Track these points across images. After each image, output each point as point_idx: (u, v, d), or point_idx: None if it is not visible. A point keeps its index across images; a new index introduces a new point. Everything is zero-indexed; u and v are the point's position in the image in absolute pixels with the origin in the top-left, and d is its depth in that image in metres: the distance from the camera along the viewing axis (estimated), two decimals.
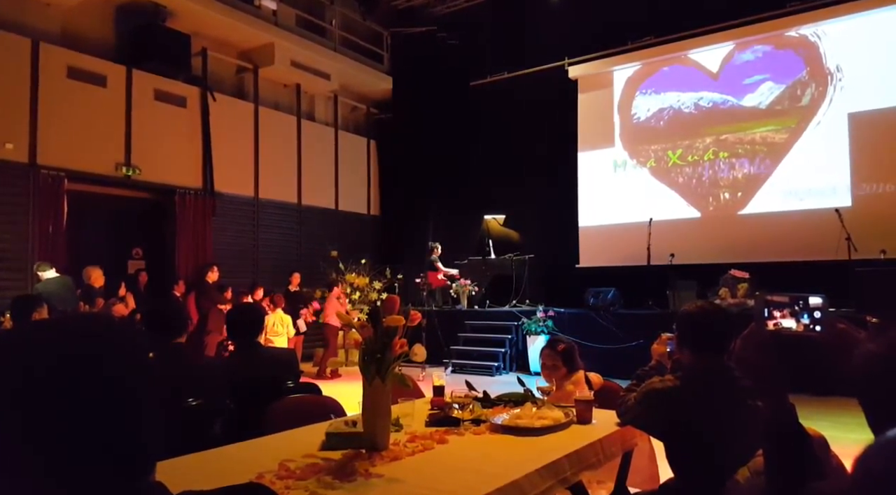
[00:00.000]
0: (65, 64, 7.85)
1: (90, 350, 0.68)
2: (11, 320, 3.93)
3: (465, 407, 2.47)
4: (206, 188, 9.44)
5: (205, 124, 9.44)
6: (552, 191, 10.64)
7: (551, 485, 1.85)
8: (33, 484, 0.63)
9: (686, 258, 8.61)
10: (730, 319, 2.09)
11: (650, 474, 2.50)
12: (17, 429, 0.63)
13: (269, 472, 1.73)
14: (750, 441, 1.83)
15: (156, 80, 8.85)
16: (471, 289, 10.12)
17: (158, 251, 9.19)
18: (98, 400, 0.65)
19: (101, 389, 0.66)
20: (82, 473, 0.64)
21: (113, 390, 0.67)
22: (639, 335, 7.19)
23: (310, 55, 10.69)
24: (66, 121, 7.82)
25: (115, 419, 0.66)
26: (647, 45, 9.98)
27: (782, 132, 9.01)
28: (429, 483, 1.69)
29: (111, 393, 0.67)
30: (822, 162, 8.69)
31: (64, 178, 7.75)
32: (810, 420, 1.32)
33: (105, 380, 0.67)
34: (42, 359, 0.65)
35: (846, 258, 7.30)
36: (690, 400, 1.97)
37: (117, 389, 0.68)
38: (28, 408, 0.63)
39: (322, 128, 11.69)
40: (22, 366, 0.65)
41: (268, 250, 10.27)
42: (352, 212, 12.09)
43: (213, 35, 9.67)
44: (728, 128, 9.44)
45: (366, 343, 2.01)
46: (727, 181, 9.42)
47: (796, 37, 8.98)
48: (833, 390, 5.19)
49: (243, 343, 3.02)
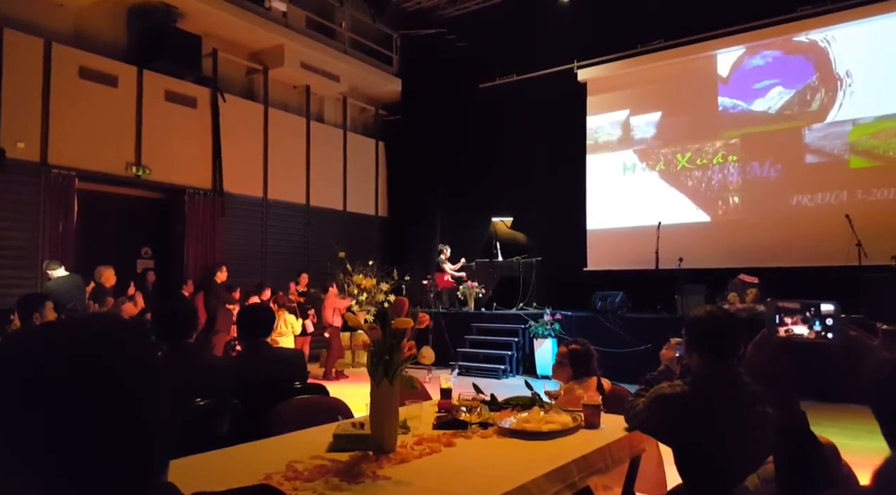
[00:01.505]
0: (77, 64, 7.92)
1: (101, 351, 0.68)
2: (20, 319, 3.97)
3: (473, 410, 2.46)
4: (215, 188, 9.50)
5: (215, 125, 9.50)
6: (560, 193, 10.62)
7: (559, 490, 1.84)
8: (45, 484, 0.63)
9: (695, 262, 8.57)
10: (739, 325, 2.08)
11: (658, 480, 2.49)
12: (28, 430, 0.63)
13: (276, 473, 1.73)
14: (759, 447, 1.82)
15: (166, 80, 8.92)
16: (478, 291, 10.11)
17: (167, 251, 9.25)
18: (109, 401, 0.66)
19: (112, 390, 0.66)
20: (94, 474, 0.64)
21: (124, 391, 0.67)
22: (647, 339, 7.16)
23: (319, 57, 10.74)
24: (77, 121, 7.88)
25: (127, 419, 0.67)
26: (657, 48, 9.95)
27: (792, 137, 8.95)
28: (436, 485, 1.69)
29: (122, 394, 0.67)
30: (832, 167, 8.64)
31: (75, 178, 7.81)
32: (820, 427, 1.31)
33: (116, 381, 0.67)
34: (53, 361, 0.65)
35: (856, 264, 7.24)
36: (699, 406, 1.96)
37: (128, 390, 0.68)
38: (39, 410, 0.63)
39: (331, 130, 11.73)
40: (33, 368, 0.65)
41: (276, 250, 10.31)
42: (360, 213, 12.12)
43: (223, 36, 9.74)
44: (738, 132, 9.40)
45: (374, 344, 2.01)
46: (736, 185, 9.37)
47: (806, 42, 8.93)
48: (844, 397, 5.14)
49: (252, 343, 3.03)
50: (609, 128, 10.58)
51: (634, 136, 10.36)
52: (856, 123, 8.50)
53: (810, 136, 8.83)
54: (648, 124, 10.24)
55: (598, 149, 10.63)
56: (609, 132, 10.58)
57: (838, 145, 8.60)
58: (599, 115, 10.68)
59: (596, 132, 10.69)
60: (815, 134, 8.80)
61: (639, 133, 10.33)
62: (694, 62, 9.77)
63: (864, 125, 8.44)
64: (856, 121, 8.51)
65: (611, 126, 10.57)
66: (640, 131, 10.32)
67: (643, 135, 10.28)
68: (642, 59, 10.14)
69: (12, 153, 7.28)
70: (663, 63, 9.97)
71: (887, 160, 8.24)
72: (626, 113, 10.44)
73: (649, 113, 10.22)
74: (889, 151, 8.24)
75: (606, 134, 10.60)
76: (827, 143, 8.69)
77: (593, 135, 10.70)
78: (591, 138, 10.70)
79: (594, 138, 10.68)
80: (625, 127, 10.46)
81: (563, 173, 10.64)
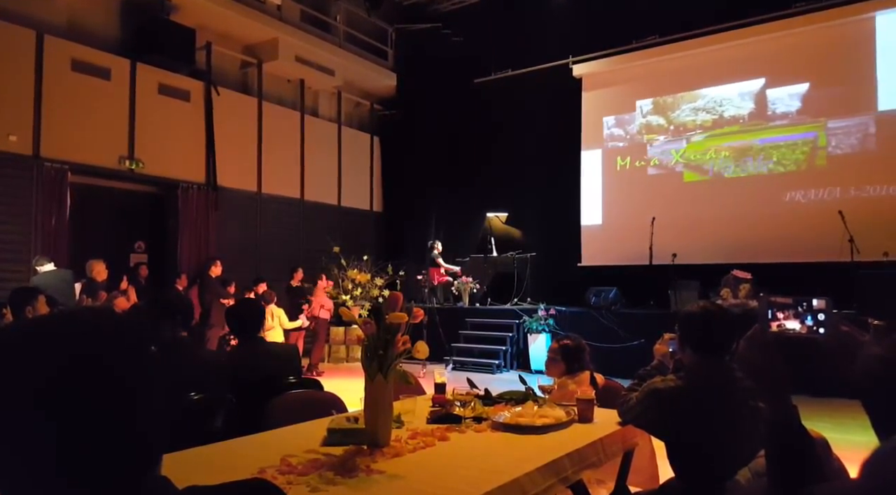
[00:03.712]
0: (69, 56, 7.85)
1: (93, 344, 0.68)
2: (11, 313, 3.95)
3: (467, 404, 2.47)
4: (209, 182, 9.46)
5: (208, 118, 9.45)
6: (555, 189, 10.63)
7: (552, 484, 1.85)
8: (38, 479, 0.63)
9: (688, 258, 8.60)
10: (732, 320, 2.09)
11: (651, 474, 2.50)
12: (21, 426, 0.63)
13: (270, 467, 1.73)
14: (751, 442, 1.84)
15: (160, 73, 8.86)
16: (472, 286, 10.13)
17: (160, 245, 9.21)
18: (102, 394, 0.66)
19: (104, 384, 0.66)
20: (87, 468, 0.64)
21: (116, 384, 0.67)
22: (640, 334, 7.19)
23: (314, 51, 10.68)
24: (70, 113, 7.82)
25: (119, 413, 0.67)
26: (652, 44, 9.95)
27: (785, 133, 8.98)
28: (430, 479, 1.70)
29: (115, 388, 0.67)
30: (826, 163, 8.68)
31: (67, 171, 7.76)
32: (812, 421, 1.32)
33: (109, 375, 0.67)
34: (45, 355, 0.65)
35: (849, 260, 7.29)
36: (692, 401, 1.97)
37: (121, 383, 0.68)
38: (32, 405, 0.63)
39: (325, 124, 11.68)
40: (25, 363, 0.65)
41: (270, 245, 10.28)
42: (354, 208, 12.09)
43: (217, 29, 9.67)
44: (732, 129, 9.42)
45: (368, 339, 2.01)
46: (730, 181, 9.41)
47: (801, 38, 8.94)
48: (835, 392, 5.19)
49: (245, 337, 3.03)
50: (604, 124, 10.58)
51: (629, 132, 10.37)
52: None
53: (804, 133, 8.86)
54: (644, 119, 10.24)
55: (593, 144, 10.63)
56: (604, 128, 10.58)
57: (832, 142, 8.65)
58: (594, 110, 10.68)
59: (591, 127, 10.69)
60: (809, 131, 8.84)
61: (634, 128, 10.34)
62: (689, 58, 9.77)
63: (856, 123, 8.48)
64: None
65: (606, 121, 10.57)
66: (635, 127, 10.33)
67: (638, 131, 10.29)
68: (637, 54, 10.14)
69: (4, 146, 7.22)
70: (658, 59, 9.97)
71: (880, 157, 8.28)
72: (622, 108, 10.45)
73: (645, 108, 10.23)
74: (882, 148, 8.27)
75: (601, 129, 10.60)
76: (821, 140, 8.74)
77: (588, 131, 10.70)
78: (586, 133, 10.70)
79: (589, 133, 10.68)
80: (620, 123, 10.46)
81: (557, 168, 10.64)
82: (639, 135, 10.28)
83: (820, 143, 8.75)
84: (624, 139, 10.41)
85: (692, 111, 9.80)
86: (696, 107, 9.76)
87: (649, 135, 10.17)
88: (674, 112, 9.97)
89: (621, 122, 10.45)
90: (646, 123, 10.23)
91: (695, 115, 9.77)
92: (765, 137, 9.15)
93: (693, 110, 9.79)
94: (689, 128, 9.81)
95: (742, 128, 9.35)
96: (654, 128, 10.14)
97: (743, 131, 9.34)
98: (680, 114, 9.92)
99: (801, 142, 8.88)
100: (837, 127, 8.62)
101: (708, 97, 9.67)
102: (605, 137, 10.57)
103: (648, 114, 10.22)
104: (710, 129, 9.62)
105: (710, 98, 9.64)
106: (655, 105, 10.14)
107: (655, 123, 10.14)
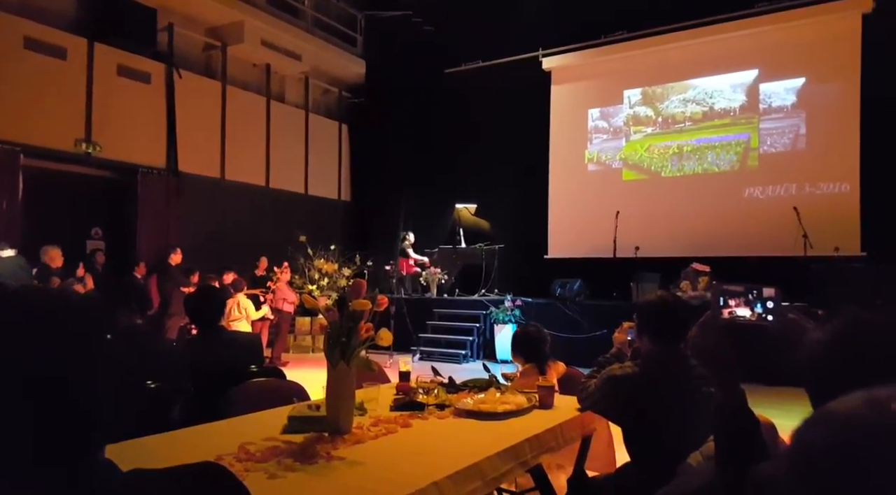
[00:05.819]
0: (21, 34, 7.51)
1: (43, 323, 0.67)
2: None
3: (430, 392, 2.49)
4: (170, 168, 9.20)
5: (170, 102, 9.17)
6: (524, 181, 10.70)
7: (511, 468, 1.88)
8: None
9: (651, 251, 8.79)
10: (688, 309, 2.15)
11: (608, 459, 2.56)
12: None
13: (228, 454, 1.71)
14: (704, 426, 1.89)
15: (119, 54, 8.55)
16: (440, 277, 10.14)
17: (119, 231, 8.94)
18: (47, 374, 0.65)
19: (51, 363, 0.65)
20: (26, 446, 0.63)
21: (57, 361, 0.66)
22: (603, 325, 7.33)
23: (281, 35, 10.47)
24: (22, 94, 7.49)
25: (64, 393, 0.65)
26: (622, 39, 10.07)
27: (747, 131, 9.24)
28: (390, 465, 1.70)
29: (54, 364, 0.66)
30: (782, 161, 8.97)
31: (20, 153, 7.45)
32: (760, 408, 1.36)
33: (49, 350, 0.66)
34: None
35: (802, 254, 7.57)
36: (648, 387, 2.03)
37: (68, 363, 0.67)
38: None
39: (292, 110, 11.48)
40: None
41: (235, 233, 10.07)
42: (322, 196, 11.94)
43: (180, 10, 9.37)
44: (696, 125, 9.64)
45: (331, 326, 1.99)
46: (693, 177, 9.63)
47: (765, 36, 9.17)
48: (783, 380, 5.38)
49: (204, 326, 2.97)
50: (572, 118, 10.69)
51: (597, 126, 10.50)
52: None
53: (763, 131, 9.14)
54: (611, 114, 10.38)
55: (561, 137, 10.73)
56: (572, 121, 10.68)
57: (788, 140, 8.94)
58: (563, 104, 10.77)
59: (559, 121, 10.78)
60: (767, 129, 9.11)
61: (601, 123, 10.47)
62: (657, 54, 9.93)
63: (812, 120, 8.78)
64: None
65: (574, 115, 10.67)
66: (602, 121, 10.46)
67: (605, 126, 10.42)
68: (606, 49, 10.26)
69: None
70: (626, 54, 10.11)
71: (833, 154, 8.59)
72: (590, 103, 10.56)
73: (612, 103, 10.37)
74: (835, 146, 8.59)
75: (569, 123, 10.70)
76: (778, 138, 9.02)
77: (556, 124, 10.79)
78: (555, 127, 10.78)
79: (557, 127, 10.77)
80: (587, 116, 10.58)
81: (526, 161, 10.70)
82: (606, 129, 10.41)
83: (752, 145, 9.15)
84: (591, 133, 10.53)
85: (681, 103, 9.78)
86: (686, 98, 9.78)
87: (616, 129, 10.30)
88: (654, 105, 10.12)
89: (590, 116, 10.56)
90: (613, 118, 10.36)
91: (684, 106, 9.77)
92: (700, 137, 9.55)
93: (683, 102, 9.78)
94: (679, 120, 9.97)
95: (684, 128, 9.62)
96: (621, 123, 10.28)
97: (688, 130, 9.58)
98: (668, 106, 10.04)
99: (735, 143, 9.28)
100: (772, 127, 8.99)
101: (677, 94, 9.85)
102: (572, 130, 10.67)
103: (618, 109, 10.36)
104: (668, 127, 9.83)
105: (679, 94, 9.83)
106: (623, 99, 10.29)
107: (623, 118, 10.29)
